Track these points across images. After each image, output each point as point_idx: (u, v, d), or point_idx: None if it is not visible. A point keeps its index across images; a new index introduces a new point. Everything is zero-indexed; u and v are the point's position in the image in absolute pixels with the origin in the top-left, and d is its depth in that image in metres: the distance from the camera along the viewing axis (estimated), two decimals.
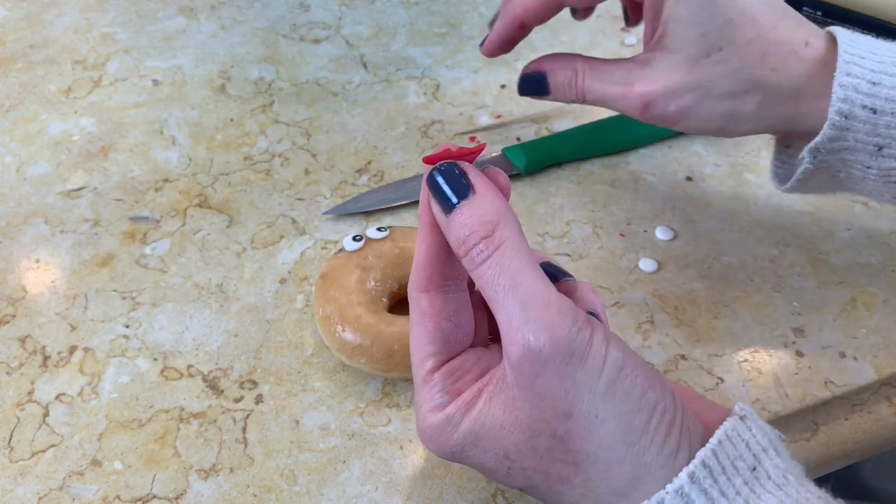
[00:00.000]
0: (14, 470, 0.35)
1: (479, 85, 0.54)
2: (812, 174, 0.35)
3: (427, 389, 0.28)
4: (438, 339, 0.28)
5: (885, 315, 0.40)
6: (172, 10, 0.60)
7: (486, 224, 0.25)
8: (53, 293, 0.41)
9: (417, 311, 0.29)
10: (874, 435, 0.37)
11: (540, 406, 0.25)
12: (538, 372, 0.24)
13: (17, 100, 0.53)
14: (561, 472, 0.26)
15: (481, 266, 0.25)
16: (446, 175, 0.27)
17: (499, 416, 0.26)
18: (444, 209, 0.26)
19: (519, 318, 0.24)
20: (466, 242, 0.26)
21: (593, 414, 0.25)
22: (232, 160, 0.49)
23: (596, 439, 0.25)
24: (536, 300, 0.25)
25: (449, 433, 0.27)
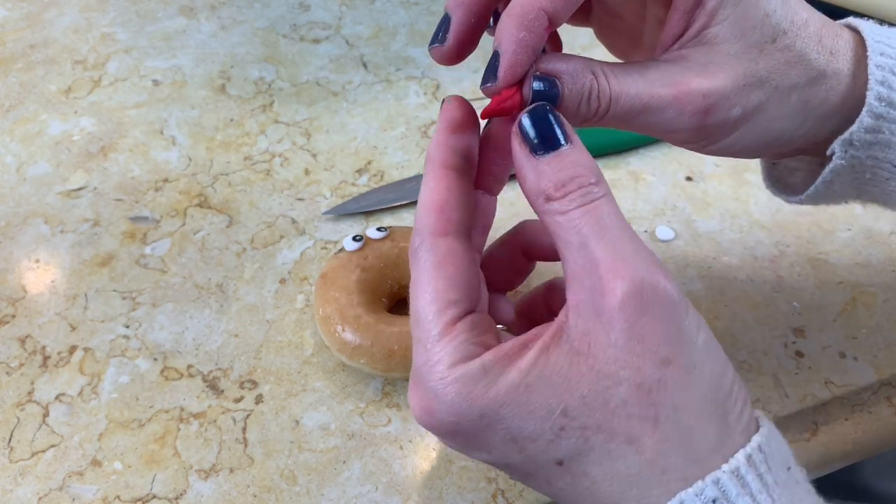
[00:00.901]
0: (14, 470, 0.35)
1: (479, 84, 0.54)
2: (839, 174, 0.30)
3: (447, 341, 0.24)
4: (462, 288, 0.25)
5: (885, 315, 0.40)
6: (172, 10, 0.60)
7: (594, 171, 0.24)
8: (53, 293, 0.41)
9: (433, 257, 0.25)
10: (874, 435, 0.37)
11: (635, 350, 0.23)
12: (646, 311, 0.23)
13: (17, 100, 0.53)
14: (632, 429, 0.23)
15: (584, 207, 0.23)
16: (546, 117, 0.25)
17: (562, 366, 0.23)
18: (539, 150, 0.24)
19: (631, 253, 0.23)
20: (568, 185, 0.24)
21: (692, 364, 0.23)
22: (232, 160, 0.49)
23: (689, 391, 0.23)
24: (644, 246, 0.24)
25: (484, 387, 0.23)
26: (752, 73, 0.27)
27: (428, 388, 0.24)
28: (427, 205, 0.26)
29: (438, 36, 0.28)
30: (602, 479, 0.24)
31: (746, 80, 0.27)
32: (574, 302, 0.24)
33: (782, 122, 0.28)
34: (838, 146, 0.29)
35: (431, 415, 0.25)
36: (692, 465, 0.23)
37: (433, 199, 0.26)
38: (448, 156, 0.26)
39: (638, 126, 0.28)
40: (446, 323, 0.24)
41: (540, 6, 0.25)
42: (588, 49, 0.56)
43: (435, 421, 0.25)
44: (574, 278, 0.24)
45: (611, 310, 0.23)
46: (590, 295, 0.23)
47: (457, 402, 0.24)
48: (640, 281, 0.23)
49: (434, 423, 0.25)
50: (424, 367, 0.24)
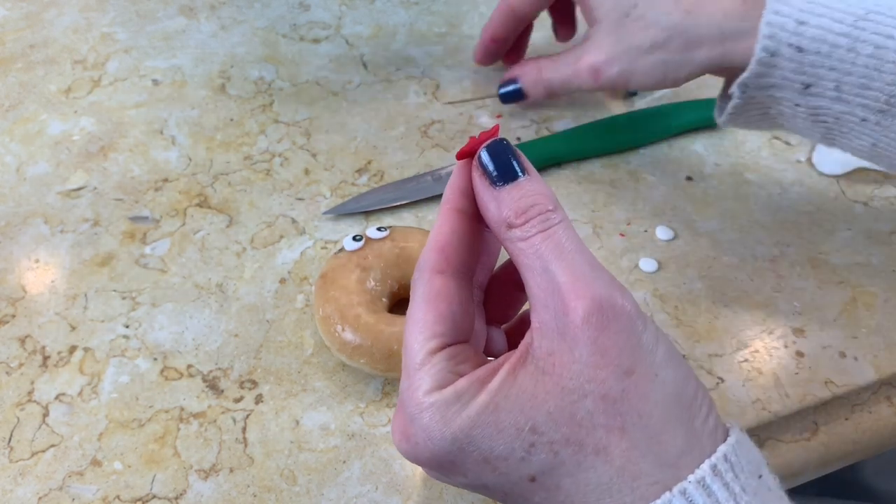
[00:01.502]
0: (14, 470, 0.35)
1: (479, 84, 0.54)
2: (742, 109, 0.37)
3: (426, 370, 0.26)
4: (448, 322, 0.27)
5: (885, 315, 0.40)
6: (172, 10, 0.60)
7: (551, 199, 0.26)
8: (53, 293, 0.41)
9: (427, 292, 0.27)
10: (874, 435, 0.37)
11: (598, 363, 0.24)
12: (606, 326, 0.24)
13: (17, 100, 0.53)
14: (600, 440, 0.24)
15: (544, 233, 0.25)
16: (502, 151, 0.27)
17: (527, 386, 0.24)
18: (498, 181, 0.26)
19: (590, 274, 0.24)
20: (529, 211, 0.25)
21: (653, 373, 0.24)
22: (232, 160, 0.49)
23: (653, 399, 0.24)
24: (601, 268, 0.25)
25: (456, 412, 0.25)
26: (616, 43, 0.39)
27: (406, 413, 0.26)
28: (431, 243, 0.28)
29: None
30: (575, 490, 0.24)
31: (614, 49, 0.39)
32: (538, 324, 0.25)
33: (655, 73, 0.38)
34: (736, 87, 0.36)
35: (408, 440, 0.26)
36: (662, 469, 0.24)
37: (437, 240, 0.28)
38: (457, 198, 0.28)
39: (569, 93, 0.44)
40: (428, 352, 0.26)
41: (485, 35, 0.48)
42: None
43: (411, 446, 0.26)
44: (537, 301, 0.25)
45: (574, 328, 0.24)
46: (553, 316, 0.25)
47: (431, 427, 0.25)
48: (599, 299, 0.24)
49: (410, 449, 0.26)
50: (406, 392, 0.26)
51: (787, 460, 0.36)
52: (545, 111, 0.52)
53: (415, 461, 0.27)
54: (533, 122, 0.51)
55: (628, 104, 0.52)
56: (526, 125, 0.51)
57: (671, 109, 0.50)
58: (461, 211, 0.28)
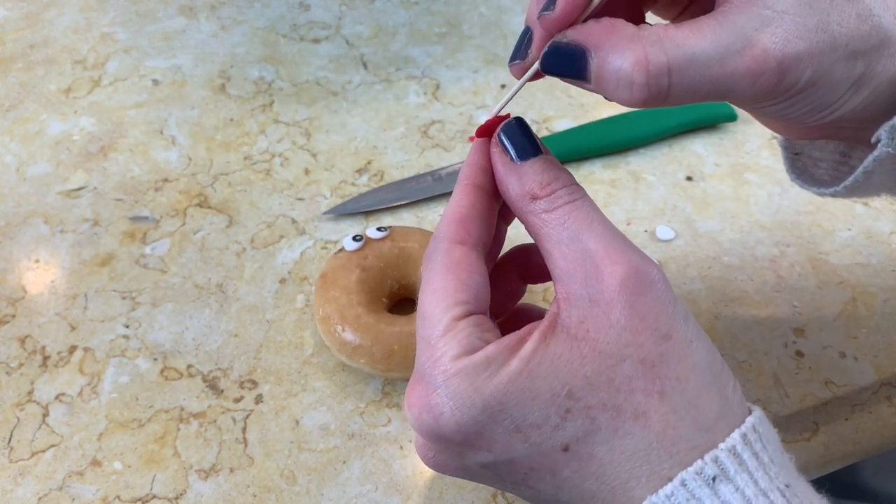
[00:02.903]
0: (14, 470, 0.35)
1: (479, 84, 0.54)
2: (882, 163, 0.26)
3: (451, 335, 0.24)
4: (471, 290, 0.25)
5: (885, 315, 0.40)
6: (172, 10, 0.60)
7: (572, 176, 0.26)
8: (53, 293, 0.41)
9: (448, 260, 0.26)
10: (874, 435, 0.37)
11: (636, 328, 0.24)
12: (643, 291, 0.24)
13: (17, 100, 0.53)
14: (639, 405, 0.23)
15: (572, 203, 0.25)
16: (521, 129, 0.27)
17: (562, 351, 0.24)
18: (520, 157, 0.26)
19: (623, 244, 0.24)
20: (553, 184, 0.25)
21: (689, 338, 0.24)
22: (232, 160, 0.49)
23: (690, 363, 0.24)
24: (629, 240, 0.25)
25: (487, 378, 0.23)
26: (825, 27, 0.23)
27: (430, 383, 0.24)
28: (449, 215, 0.27)
29: (520, 52, 0.26)
30: (609, 459, 0.24)
31: (819, 35, 0.23)
32: (565, 294, 0.24)
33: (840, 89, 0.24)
34: (885, 133, 0.25)
35: (431, 411, 0.24)
36: (701, 434, 0.23)
37: (456, 211, 0.27)
38: (477, 175, 0.27)
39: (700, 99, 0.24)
40: (452, 319, 0.25)
41: None
42: None
43: (434, 418, 0.24)
44: (563, 272, 0.25)
45: (610, 292, 0.24)
46: (583, 285, 0.24)
47: (460, 394, 0.24)
48: (636, 264, 0.24)
49: (432, 422, 0.24)
50: (428, 362, 0.24)
51: None
52: (545, 111, 0.52)
53: (436, 436, 0.25)
54: (534, 122, 0.51)
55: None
56: None
57: (671, 109, 0.50)
58: (479, 187, 0.27)
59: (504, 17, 0.59)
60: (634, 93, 0.23)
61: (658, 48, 0.22)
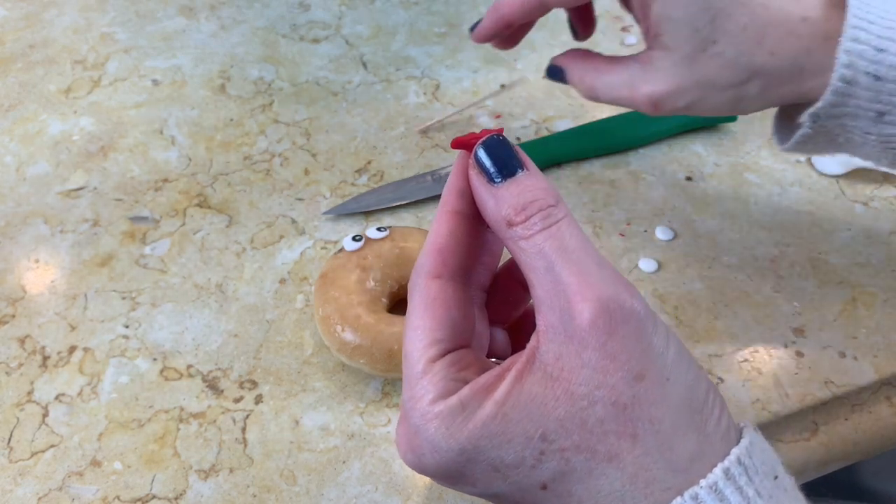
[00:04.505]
0: (14, 470, 0.35)
1: (479, 85, 0.54)
2: (810, 138, 0.35)
3: (428, 378, 0.25)
4: (447, 327, 0.26)
5: (885, 315, 0.40)
6: (172, 10, 0.60)
7: (552, 194, 0.25)
8: (53, 293, 0.41)
9: (424, 297, 0.26)
10: (874, 435, 0.37)
11: (607, 368, 0.23)
12: (615, 330, 0.23)
13: (17, 100, 0.53)
14: (612, 447, 0.23)
15: (547, 230, 0.24)
16: (500, 147, 0.26)
17: (536, 392, 0.24)
18: (496, 178, 0.25)
19: (596, 273, 0.24)
20: (528, 208, 0.25)
21: (664, 377, 0.24)
22: (231, 160, 0.49)
23: (664, 404, 0.24)
24: (608, 265, 0.24)
25: (462, 423, 0.24)
26: (688, 78, 0.34)
27: (412, 424, 0.25)
28: (426, 247, 0.27)
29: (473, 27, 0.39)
30: (587, 497, 0.24)
31: (682, 83, 0.34)
32: (544, 327, 0.24)
33: (724, 108, 0.35)
34: (807, 117, 0.33)
35: (414, 452, 0.25)
36: (675, 475, 0.23)
37: (433, 242, 0.27)
38: (455, 200, 0.27)
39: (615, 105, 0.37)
40: (428, 360, 0.25)
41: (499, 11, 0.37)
42: None
43: (417, 458, 0.25)
44: (542, 302, 0.24)
45: (581, 331, 0.23)
46: (560, 318, 0.24)
47: (437, 439, 0.24)
48: (606, 301, 0.23)
49: (416, 461, 0.25)
50: (409, 402, 0.25)
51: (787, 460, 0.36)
52: (545, 111, 0.52)
53: (422, 472, 0.26)
54: (533, 122, 0.51)
55: None
56: (526, 125, 0.51)
57: None
58: (458, 212, 0.27)
59: None
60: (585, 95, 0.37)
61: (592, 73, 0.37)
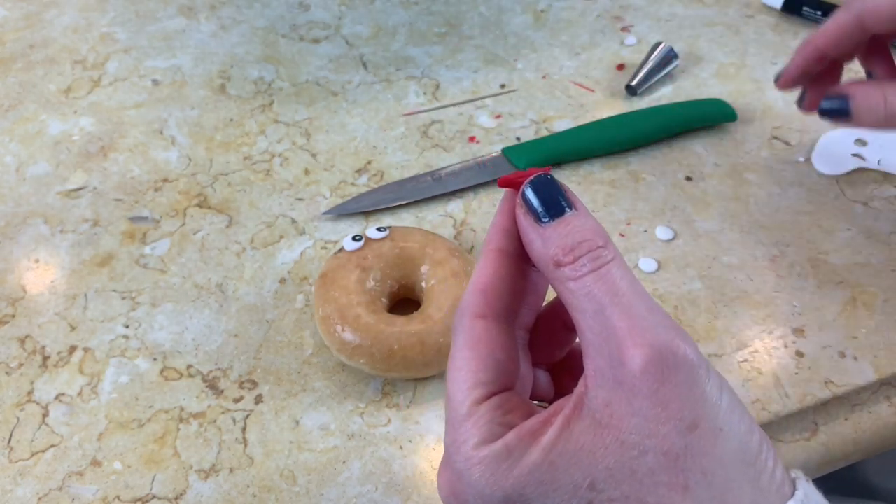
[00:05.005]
0: (14, 470, 0.35)
1: (479, 84, 0.54)
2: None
3: (473, 422, 0.24)
4: (492, 369, 0.25)
5: (885, 315, 0.40)
6: (172, 10, 0.60)
7: (601, 235, 0.24)
8: (53, 293, 0.41)
9: (469, 337, 0.26)
10: (874, 435, 0.37)
11: (659, 417, 0.22)
12: (667, 377, 0.22)
13: (17, 100, 0.53)
14: (663, 499, 0.23)
15: (596, 272, 0.24)
16: (548, 186, 0.25)
17: (585, 440, 0.23)
18: (544, 217, 0.25)
19: (648, 318, 0.23)
20: (576, 249, 0.24)
21: (718, 427, 0.23)
22: (231, 160, 0.49)
23: (717, 455, 0.23)
24: (659, 308, 0.24)
25: (507, 469, 0.23)
26: None
27: (455, 469, 0.24)
28: (471, 286, 0.26)
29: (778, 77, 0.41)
30: None
31: None
32: (592, 370, 0.24)
33: None
34: None
35: (458, 498, 0.25)
36: None
37: (478, 282, 0.26)
38: (501, 238, 0.27)
39: None
40: (473, 402, 0.25)
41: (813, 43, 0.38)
42: (588, 48, 0.56)
43: (467, 494, 0.24)
44: (591, 346, 0.24)
45: (632, 378, 0.22)
46: (609, 364, 0.23)
47: (481, 485, 0.24)
48: (659, 347, 0.22)
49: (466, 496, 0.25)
50: (452, 446, 0.25)
51: (787, 460, 0.36)
52: (545, 111, 0.52)
53: None
54: (533, 122, 0.51)
55: (628, 104, 0.52)
56: (526, 125, 0.51)
57: (671, 109, 0.50)
58: (504, 251, 0.27)
59: (504, 17, 0.59)
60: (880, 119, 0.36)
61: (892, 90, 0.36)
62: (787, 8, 0.58)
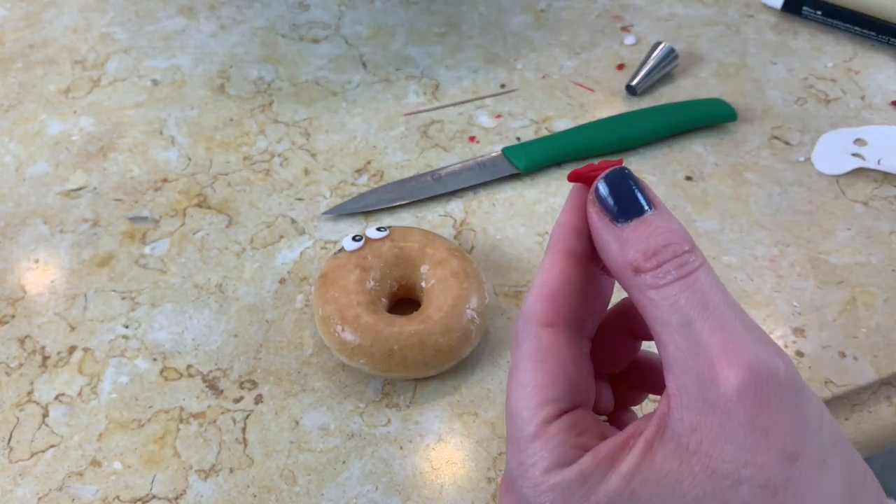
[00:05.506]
0: (13, 470, 0.34)
1: (478, 84, 0.54)
2: None
3: (542, 443, 0.22)
4: (562, 384, 0.23)
5: (885, 315, 0.40)
6: (171, 10, 0.60)
7: (686, 238, 0.22)
8: (53, 293, 0.41)
9: (535, 349, 0.23)
10: (874, 435, 0.37)
11: (757, 446, 0.20)
12: (766, 401, 0.20)
13: (17, 100, 0.53)
14: None
15: (683, 280, 0.21)
16: (625, 181, 0.23)
17: (670, 468, 0.21)
18: (620, 217, 0.22)
19: (743, 334, 0.21)
20: (660, 254, 0.22)
21: (821, 458, 0.21)
22: (231, 160, 0.49)
23: (820, 488, 0.20)
24: (754, 324, 0.21)
25: (582, 498, 0.21)
26: None
27: (521, 494, 0.23)
28: (538, 291, 0.24)
29: None
30: None
31: None
32: (676, 390, 0.21)
33: None
34: None
35: None
36: None
37: (545, 285, 0.24)
38: (571, 240, 0.24)
39: None
40: (542, 421, 0.23)
41: None
42: (587, 48, 0.56)
43: None
44: (676, 363, 0.21)
45: (726, 401, 0.20)
46: (697, 383, 0.21)
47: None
48: (757, 367, 0.20)
49: None
50: (518, 469, 0.23)
51: None
52: (545, 111, 0.52)
53: None
54: (533, 122, 0.51)
55: (628, 104, 0.52)
56: (526, 125, 0.51)
57: (671, 109, 0.50)
58: (572, 253, 0.24)
59: (504, 16, 0.59)
60: None
61: None
62: (787, 8, 0.58)
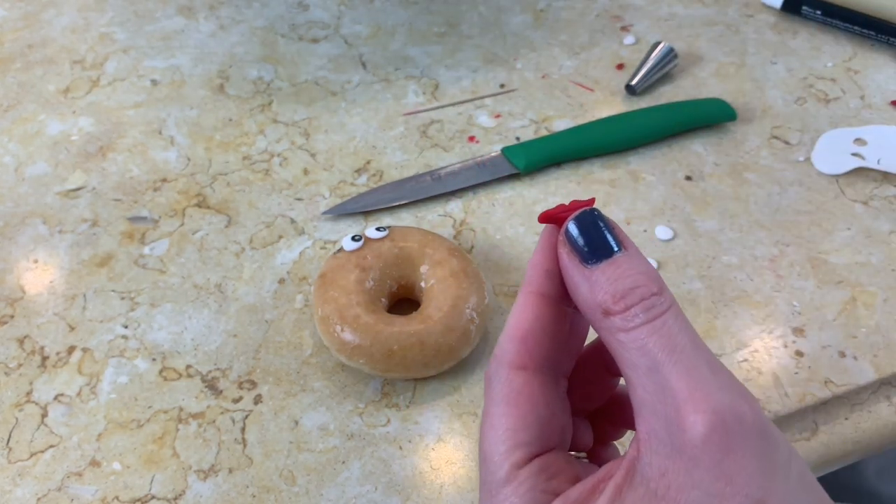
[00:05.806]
0: (13, 471, 0.34)
1: (478, 84, 0.54)
2: None
3: (512, 489, 0.22)
4: (534, 428, 0.23)
5: (884, 315, 0.40)
6: (171, 10, 0.60)
7: (655, 280, 0.22)
8: (52, 293, 0.41)
9: (507, 392, 0.23)
10: (874, 435, 0.37)
11: (723, 493, 0.20)
12: (732, 447, 0.20)
13: (16, 100, 0.53)
14: None
15: (651, 324, 0.21)
16: (595, 223, 0.23)
17: None
18: (590, 259, 0.22)
19: (710, 379, 0.20)
20: (628, 296, 0.22)
21: (788, 502, 0.20)
22: (230, 160, 0.48)
23: None
24: (722, 367, 0.21)
25: None
26: None
27: None
28: (510, 332, 0.24)
29: None
30: None
31: None
32: (646, 434, 0.21)
33: None
34: None
35: None
36: None
37: (517, 327, 0.24)
38: (543, 281, 0.24)
39: None
40: (513, 465, 0.23)
41: None
42: (587, 48, 0.56)
43: None
44: (645, 406, 0.21)
45: (692, 447, 0.20)
46: (665, 427, 0.21)
47: None
48: (723, 412, 0.20)
49: None
50: None
51: None
52: (545, 111, 0.52)
53: None
54: (533, 122, 0.51)
55: (628, 104, 0.52)
56: (526, 125, 0.51)
57: (671, 109, 0.50)
58: (545, 294, 0.24)
59: (503, 16, 0.59)
60: None
61: None
62: (786, 7, 0.58)
